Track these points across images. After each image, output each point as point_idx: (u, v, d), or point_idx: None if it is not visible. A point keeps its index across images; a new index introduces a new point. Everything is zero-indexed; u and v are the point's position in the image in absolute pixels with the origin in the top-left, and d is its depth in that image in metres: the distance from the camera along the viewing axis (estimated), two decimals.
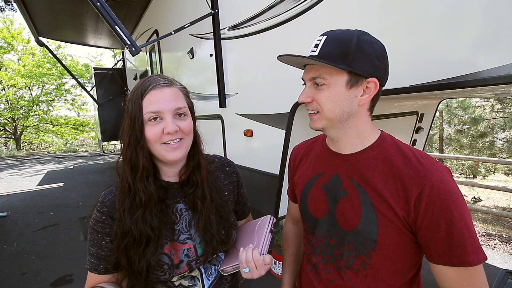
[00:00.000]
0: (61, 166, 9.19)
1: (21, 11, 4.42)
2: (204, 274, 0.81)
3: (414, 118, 2.69)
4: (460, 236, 0.57)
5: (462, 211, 0.58)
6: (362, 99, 0.67)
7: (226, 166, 0.92)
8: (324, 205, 0.75)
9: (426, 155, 0.66)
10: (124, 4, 4.38)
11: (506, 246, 3.11)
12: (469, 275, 0.59)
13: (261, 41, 1.97)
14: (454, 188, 0.59)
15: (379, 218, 0.65)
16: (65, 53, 16.38)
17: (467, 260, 0.57)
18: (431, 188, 0.59)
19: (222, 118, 2.58)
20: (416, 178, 0.61)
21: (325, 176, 0.76)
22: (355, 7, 1.31)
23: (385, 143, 0.70)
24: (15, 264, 2.82)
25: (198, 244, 0.78)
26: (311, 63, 0.67)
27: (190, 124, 0.75)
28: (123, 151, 0.74)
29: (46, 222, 3.95)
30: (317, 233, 0.78)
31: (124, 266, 0.72)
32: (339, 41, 0.64)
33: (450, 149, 8.41)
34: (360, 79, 0.65)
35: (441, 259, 0.60)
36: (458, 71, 0.98)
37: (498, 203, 6.90)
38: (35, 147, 18.03)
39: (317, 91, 0.67)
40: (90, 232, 0.74)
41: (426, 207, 0.59)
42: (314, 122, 0.70)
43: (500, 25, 0.87)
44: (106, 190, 0.77)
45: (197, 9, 2.51)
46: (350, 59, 0.62)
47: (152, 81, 0.72)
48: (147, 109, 0.69)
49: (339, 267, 0.73)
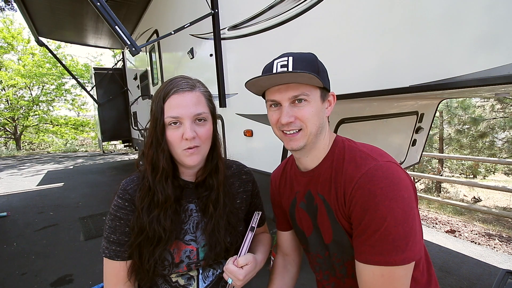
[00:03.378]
0: (61, 166, 9.19)
1: (21, 11, 4.42)
2: (201, 276, 0.80)
3: (414, 118, 2.69)
4: (372, 237, 0.58)
5: (385, 214, 0.57)
6: (327, 111, 0.74)
7: (243, 174, 0.92)
8: (309, 222, 0.78)
9: (367, 155, 0.66)
10: (124, 4, 4.38)
11: (506, 246, 3.11)
12: (382, 277, 0.59)
13: (261, 41, 1.97)
14: (382, 190, 0.58)
15: (343, 226, 0.67)
16: (65, 53, 16.41)
17: (373, 259, 0.59)
18: (357, 190, 0.61)
19: (222, 118, 2.58)
20: (350, 181, 0.64)
21: (301, 195, 0.80)
22: (355, 7, 1.31)
23: (336, 149, 0.73)
24: (15, 264, 2.81)
25: (202, 247, 0.78)
26: (293, 81, 0.66)
27: (208, 131, 0.75)
28: (145, 151, 0.76)
29: (46, 222, 3.94)
30: (311, 251, 0.81)
31: (136, 262, 0.73)
32: (307, 60, 0.68)
33: (450, 149, 8.41)
34: (326, 94, 0.72)
35: (361, 257, 0.62)
36: (458, 71, 0.98)
37: (498, 203, 6.90)
38: (35, 147, 18.02)
39: (298, 109, 0.68)
40: (111, 219, 0.74)
41: (352, 207, 0.62)
42: (297, 141, 0.70)
43: (500, 25, 0.87)
44: (127, 178, 0.79)
45: (197, 9, 2.51)
46: (320, 76, 0.66)
47: (175, 84, 0.73)
48: (168, 113, 0.70)
49: (338, 277, 0.76)
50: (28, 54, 15.16)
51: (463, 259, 2.75)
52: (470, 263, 2.67)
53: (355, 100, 1.59)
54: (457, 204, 4.53)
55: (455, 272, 2.49)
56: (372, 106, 2.09)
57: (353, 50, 1.36)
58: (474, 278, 2.39)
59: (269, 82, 0.69)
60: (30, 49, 15.14)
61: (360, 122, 2.07)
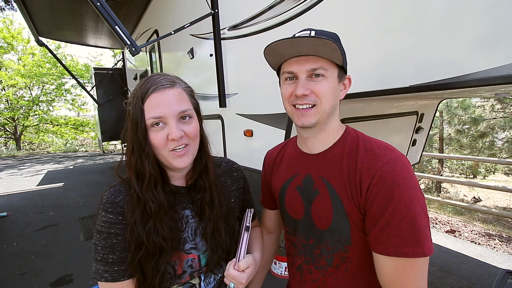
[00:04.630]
0: (61, 166, 9.19)
1: (21, 11, 4.42)
2: (203, 283, 0.78)
3: (414, 118, 2.69)
4: (399, 227, 0.57)
5: (408, 203, 0.57)
6: (342, 93, 0.72)
7: (234, 171, 0.88)
8: (301, 206, 0.76)
9: (385, 146, 0.66)
10: (124, 4, 4.38)
11: (506, 246, 3.11)
12: (404, 267, 0.58)
13: (261, 41, 1.97)
14: (404, 180, 0.59)
15: (348, 213, 0.66)
16: (65, 53, 16.42)
17: (401, 251, 0.57)
18: (379, 178, 0.60)
19: (222, 118, 2.58)
20: (368, 170, 0.63)
21: (299, 178, 0.77)
22: (355, 7, 1.31)
23: (349, 137, 0.72)
24: (15, 264, 2.82)
25: (202, 254, 0.75)
26: (314, 52, 0.64)
27: (195, 128, 0.70)
28: (127, 158, 0.69)
29: (46, 222, 3.94)
30: (298, 234, 0.79)
31: (139, 280, 0.68)
32: (331, 35, 0.66)
33: (450, 149, 8.41)
34: (343, 75, 0.70)
35: (378, 248, 0.61)
36: (458, 71, 0.98)
37: (498, 203, 6.90)
38: (35, 147, 18.02)
39: (315, 83, 0.66)
40: (104, 238, 0.66)
41: (373, 197, 0.61)
42: (309, 117, 0.67)
43: (500, 25, 0.87)
44: (111, 190, 0.70)
45: (197, 9, 2.51)
46: (342, 54, 0.64)
47: (153, 82, 0.66)
48: (149, 114, 0.64)
49: (320, 266, 0.74)
50: (28, 54, 15.16)
51: (463, 259, 2.75)
52: (470, 263, 2.67)
53: (355, 100, 1.59)
54: (457, 204, 4.53)
55: (455, 272, 2.49)
56: (372, 106, 2.09)
57: (353, 50, 1.35)
58: (474, 278, 2.40)
59: (290, 50, 0.66)
60: (30, 49, 15.14)
61: (360, 122, 2.07)
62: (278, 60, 0.71)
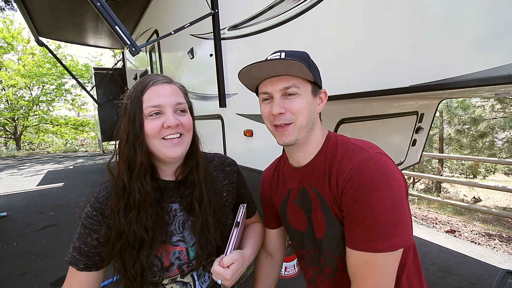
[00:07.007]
0: (61, 166, 9.18)
1: (21, 11, 4.41)
2: (197, 281, 0.78)
3: (414, 118, 2.69)
4: (360, 225, 0.61)
5: (374, 203, 0.59)
6: (319, 107, 0.75)
7: (226, 165, 0.89)
8: (303, 218, 0.78)
9: (360, 147, 0.68)
10: (124, 4, 4.38)
11: (506, 246, 3.11)
12: (366, 263, 0.61)
13: (261, 41, 1.97)
14: (372, 180, 0.60)
15: (338, 218, 0.69)
16: (65, 53, 16.39)
17: (360, 246, 0.61)
18: (348, 180, 0.63)
19: (222, 118, 2.58)
20: (343, 173, 0.65)
21: (295, 192, 0.80)
22: (356, 7, 1.31)
23: (330, 144, 0.74)
24: (15, 264, 2.82)
25: (191, 247, 0.75)
26: (284, 71, 0.68)
27: (190, 120, 0.75)
28: (120, 149, 0.72)
29: (46, 222, 3.94)
30: (305, 246, 0.81)
31: (119, 270, 0.70)
32: (299, 55, 0.70)
33: (450, 149, 8.41)
34: (318, 90, 0.73)
35: (350, 243, 0.64)
36: (458, 71, 0.98)
37: (498, 203, 6.90)
38: (35, 147, 18.01)
39: (290, 101, 0.69)
40: (80, 225, 0.73)
41: (345, 198, 0.64)
42: (287, 135, 0.71)
43: (500, 25, 0.87)
44: (101, 185, 0.75)
45: (197, 9, 2.51)
46: (311, 71, 0.67)
47: (152, 78, 0.73)
48: (147, 103, 0.69)
49: (327, 275, 0.76)
50: (28, 54, 15.14)
51: (463, 259, 2.75)
52: (470, 263, 2.67)
53: (355, 100, 1.59)
54: (457, 204, 4.53)
55: (455, 272, 2.49)
56: (372, 106, 2.09)
57: (353, 50, 1.36)
58: (474, 278, 2.40)
59: (262, 73, 0.70)
60: (30, 49, 15.13)
61: (360, 122, 2.07)
62: (253, 83, 0.76)
